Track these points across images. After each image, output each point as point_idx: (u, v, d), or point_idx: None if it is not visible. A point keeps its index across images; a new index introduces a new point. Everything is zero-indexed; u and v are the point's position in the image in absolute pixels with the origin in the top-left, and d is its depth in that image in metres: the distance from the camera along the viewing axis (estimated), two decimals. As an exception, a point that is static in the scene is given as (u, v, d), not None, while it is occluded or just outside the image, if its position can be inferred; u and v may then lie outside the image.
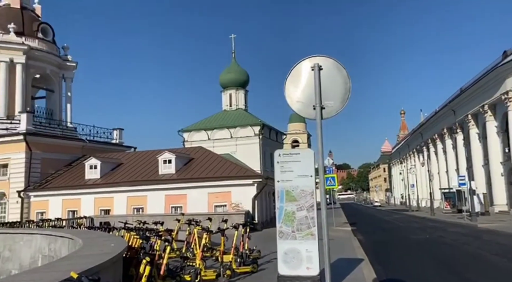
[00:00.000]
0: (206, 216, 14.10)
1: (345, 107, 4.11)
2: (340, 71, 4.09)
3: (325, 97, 4.05)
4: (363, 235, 19.23)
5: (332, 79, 4.07)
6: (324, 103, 4.04)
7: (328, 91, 4.06)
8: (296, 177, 6.96)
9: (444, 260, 11.05)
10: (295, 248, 6.68)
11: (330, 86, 4.07)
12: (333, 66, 4.08)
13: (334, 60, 4.08)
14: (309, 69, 4.10)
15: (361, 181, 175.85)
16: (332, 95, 4.07)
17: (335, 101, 4.09)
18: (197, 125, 41.90)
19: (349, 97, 4.08)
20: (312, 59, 4.11)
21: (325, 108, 4.06)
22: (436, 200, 45.32)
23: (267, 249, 10.74)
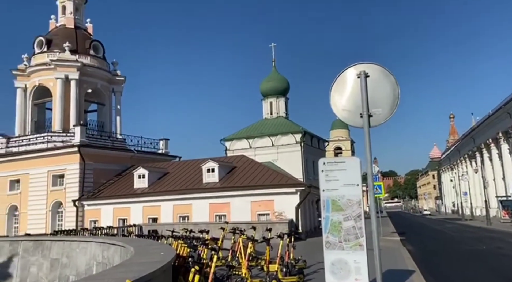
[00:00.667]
0: (249, 224, 14.13)
1: (394, 114, 3.98)
2: (387, 78, 3.98)
3: (373, 105, 3.96)
4: (413, 245, 18.41)
5: (379, 86, 3.97)
6: (372, 111, 3.94)
7: (376, 98, 3.96)
8: (342, 186, 6.81)
9: (503, 273, 10.30)
10: (343, 259, 6.51)
11: (378, 93, 3.97)
12: (380, 72, 3.98)
13: (380, 67, 3.98)
14: (354, 76, 4.03)
15: (408, 188, 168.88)
16: (380, 102, 3.97)
17: (383, 108, 3.98)
18: (238, 134, 42.36)
19: (397, 104, 3.96)
20: (358, 67, 4.04)
21: (372, 115, 3.96)
22: (492, 208, 42.51)
23: (312, 259, 10.57)
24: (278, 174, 24.57)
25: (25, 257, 10.97)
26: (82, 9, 33.45)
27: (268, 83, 44.80)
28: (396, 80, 3.95)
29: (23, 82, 30.64)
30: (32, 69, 30.34)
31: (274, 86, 44.34)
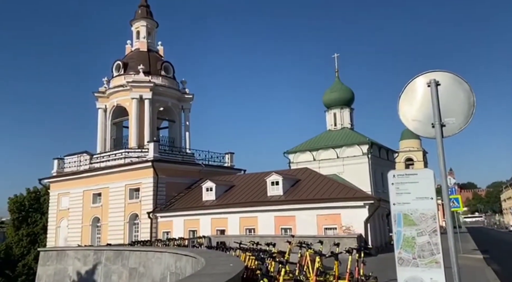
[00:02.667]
0: (316, 238, 13.91)
1: (470, 123, 3.75)
2: (461, 85, 3.78)
3: (445, 114, 3.77)
4: (500, 264, 16.75)
5: (452, 94, 3.78)
6: (444, 121, 3.76)
7: (449, 107, 3.77)
8: (414, 200, 6.48)
9: None
10: (418, 276, 6.14)
11: (450, 102, 3.77)
12: (453, 80, 3.79)
13: (453, 74, 3.79)
14: (424, 85, 3.88)
15: (491, 202, 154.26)
16: (453, 111, 3.77)
17: (457, 117, 3.77)
18: (302, 146, 42.18)
19: (473, 113, 3.73)
20: (428, 75, 3.89)
21: (445, 125, 3.77)
22: None
23: (384, 276, 10.10)
24: (345, 187, 23.96)
25: (107, 265, 11.88)
26: (154, 33, 36.09)
27: (332, 94, 44.23)
28: (471, 88, 3.73)
29: (104, 103, 33.63)
30: (111, 91, 33.22)
31: (337, 97, 43.67)
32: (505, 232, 70.39)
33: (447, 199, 3.76)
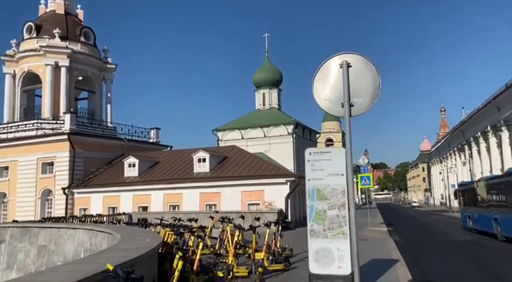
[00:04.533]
0: (239, 214, 14.25)
1: (375, 104, 4.05)
2: (369, 68, 4.04)
3: (354, 95, 4.01)
4: (400, 236, 18.71)
5: (361, 76, 4.02)
6: (353, 101, 4.00)
7: (357, 88, 4.02)
8: (327, 176, 6.92)
9: (484, 262, 10.57)
10: (327, 247, 6.64)
11: (359, 83, 4.03)
12: (362, 63, 4.03)
13: (363, 57, 4.03)
14: (337, 66, 4.07)
15: (398, 180, 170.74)
16: (361, 92, 4.03)
17: (364, 98, 4.04)
18: (231, 125, 42.36)
19: (378, 94, 4.03)
20: (341, 57, 4.09)
21: (354, 105, 4.02)
22: (479, 201, 43.23)
23: (299, 247, 10.71)
24: (269, 165, 24.72)
25: (12, 243, 10.98)
26: (72, -6, 32.89)
27: (261, 74, 44.70)
28: (378, 71, 4.00)
29: (12, 68, 30.21)
30: (21, 55, 29.90)
31: (267, 77, 44.27)
32: (408, 207, 78.86)
33: (350, 174, 4.04)
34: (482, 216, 17.66)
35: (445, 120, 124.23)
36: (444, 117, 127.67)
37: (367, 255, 11.01)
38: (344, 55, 4.08)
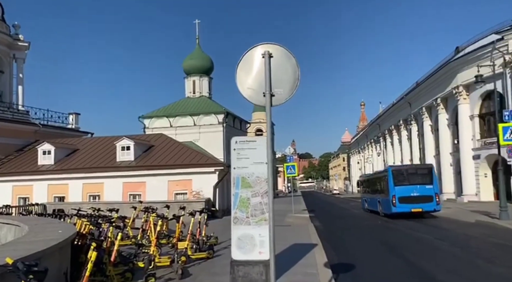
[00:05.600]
0: (164, 204, 13.95)
1: (294, 94, 4.20)
2: (289, 60, 4.16)
3: (275, 85, 4.12)
4: (320, 221, 19.83)
5: (281, 67, 4.13)
6: (274, 91, 4.11)
7: (278, 78, 4.13)
8: (252, 164, 7.06)
9: (391, 244, 11.66)
10: (249, 233, 6.80)
11: (280, 74, 4.13)
12: (283, 54, 4.14)
13: (284, 49, 4.14)
14: (260, 56, 4.14)
15: (321, 170, 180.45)
16: (281, 82, 4.14)
17: (284, 89, 4.16)
18: (159, 112, 41.05)
19: (297, 85, 4.18)
20: (263, 46, 4.16)
21: (274, 95, 4.12)
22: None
23: (225, 236, 10.82)
24: (198, 154, 24.48)
25: None
26: (-25, -41, 28.98)
27: (191, 61, 43.82)
28: (297, 63, 4.15)
29: None
30: None
31: (197, 64, 43.52)
32: (329, 195, 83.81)
33: (270, 161, 4.16)
34: (371, 200, 24.81)
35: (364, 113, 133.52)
36: (363, 111, 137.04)
37: (290, 240, 11.51)
38: (266, 45, 4.15)
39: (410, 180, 20.33)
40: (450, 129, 35.00)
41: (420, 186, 19.77)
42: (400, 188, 19.83)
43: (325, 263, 8.11)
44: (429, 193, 19.64)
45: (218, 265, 7.97)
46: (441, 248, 10.59)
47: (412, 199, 19.49)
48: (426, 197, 19.54)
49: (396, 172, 21.27)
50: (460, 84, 31.24)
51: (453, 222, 17.30)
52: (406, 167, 25.77)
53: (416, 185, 19.89)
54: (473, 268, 7.99)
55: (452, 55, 32.60)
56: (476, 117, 30.76)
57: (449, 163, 34.88)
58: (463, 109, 31.72)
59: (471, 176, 30.64)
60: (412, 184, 19.99)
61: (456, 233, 13.68)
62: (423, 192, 19.56)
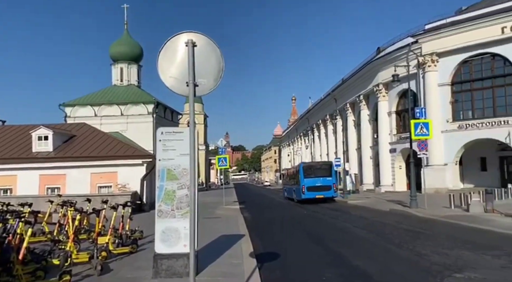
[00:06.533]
0: (85, 197, 13.12)
1: (218, 85, 4.17)
2: (214, 50, 4.11)
3: (199, 75, 4.05)
4: (250, 212, 20.19)
5: (206, 57, 4.07)
6: (198, 81, 4.04)
7: (202, 68, 4.06)
8: (179, 156, 6.93)
9: (315, 233, 12.26)
10: (173, 226, 6.68)
11: (204, 64, 4.07)
12: (207, 44, 4.08)
13: (208, 38, 4.08)
14: (183, 45, 4.03)
15: (254, 162, 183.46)
16: (205, 73, 4.08)
17: (208, 79, 4.11)
18: (82, 100, 38.44)
19: (222, 76, 4.15)
20: (187, 35, 4.05)
21: (198, 85, 4.06)
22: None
23: (152, 229, 10.42)
24: (124, 145, 23.41)
25: None
26: None
27: (119, 47, 41.60)
28: (222, 54, 4.12)
29: None
30: None
31: (125, 50, 41.43)
32: (261, 186, 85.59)
33: (192, 152, 4.10)
34: (291, 189, 29.26)
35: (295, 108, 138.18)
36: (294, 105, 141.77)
37: (218, 232, 11.56)
38: (190, 33, 4.05)
39: (315, 173, 25.49)
40: (371, 124, 37.61)
41: (323, 178, 25.20)
42: (308, 180, 25.11)
43: (250, 253, 8.27)
44: (329, 184, 25.33)
45: (141, 260, 7.73)
46: (359, 236, 11.38)
47: (316, 188, 24.88)
48: (327, 187, 25.10)
49: (306, 167, 26.46)
50: (380, 83, 33.64)
51: (371, 211, 18.68)
52: (313, 164, 31.57)
53: (319, 177, 25.21)
54: (385, 252, 8.70)
55: (373, 55, 34.94)
56: (393, 113, 33.41)
57: (369, 156, 37.53)
58: (382, 106, 34.24)
59: (388, 168, 33.31)
60: (317, 176, 25.22)
61: (373, 221, 14.79)
62: (325, 183, 25.08)
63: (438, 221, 13.57)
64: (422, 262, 7.46)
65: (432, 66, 28.68)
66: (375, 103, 35.50)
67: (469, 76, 27.97)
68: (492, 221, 12.27)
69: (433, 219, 14.05)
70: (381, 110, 34.25)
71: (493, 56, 26.46)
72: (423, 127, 15.82)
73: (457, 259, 7.55)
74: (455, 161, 28.32)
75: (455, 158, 28.21)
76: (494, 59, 26.58)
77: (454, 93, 28.53)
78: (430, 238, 10.30)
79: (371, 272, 6.84)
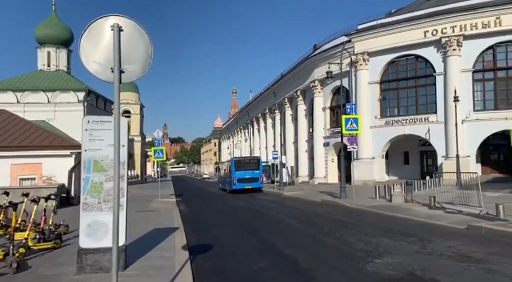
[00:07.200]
0: (3, 190, 12.03)
1: (146, 73, 4.03)
2: (142, 36, 3.96)
3: (125, 61, 3.88)
4: (187, 205, 19.96)
5: (133, 42, 3.91)
6: (124, 67, 3.87)
7: (129, 54, 3.89)
8: (107, 146, 6.61)
9: (250, 224, 12.47)
10: (100, 220, 6.39)
11: (131, 50, 3.90)
12: (135, 29, 3.92)
13: (137, 24, 3.92)
14: (108, 28, 3.83)
15: (194, 154, 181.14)
16: (132, 59, 3.92)
17: (136, 66, 3.96)
18: (2, 84, 35.09)
19: (150, 64, 4.02)
20: (113, 18, 3.85)
21: (124, 72, 3.89)
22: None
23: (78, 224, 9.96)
24: (51, 135, 21.80)
25: None
26: None
27: (46, 30, 38.53)
28: (151, 40, 3.99)
29: None
30: None
31: (53, 33, 38.49)
32: (200, 179, 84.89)
33: (117, 141, 3.94)
34: (224, 181, 32.74)
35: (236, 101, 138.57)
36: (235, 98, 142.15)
37: (151, 225, 11.28)
38: (117, 17, 3.85)
39: (245, 167, 28.72)
40: (307, 119, 38.97)
41: (251, 171, 28.55)
42: (238, 172, 28.31)
43: (183, 245, 8.19)
44: (257, 176, 28.80)
45: (65, 255, 7.30)
46: (292, 226, 11.78)
47: (245, 180, 28.17)
48: (254, 179, 28.54)
49: (237, 161, 29.60)
50: (316, 79, 34.91)
51: (304, 202, 19.42)
52: (243, 158, 33.86)
53: (248, 170, 28.54)
54: (314, 241, 9.11)
55: (311, 52, 36.11)
56: (327, 109, 34.90)
57: (305, 149, 38.91)
58: (317, 102, 35.60)
59: (322, 161, 34.82)
60: (246, 170, 28.49)
61: (306, 211, 15.39)
62: (253, 175, 28.50)
63: (364, 211, 14.50)
64: (347, 249, 7.93)
65: (363, 64, 30.36)
66: (311, 99, 36.78)
67: (396, 76, 30.07)
68: (410, 210, 13.38)
69: (359, 209, 14.97)
70: (317, 105, 35.59)
71: (417, 57, 28.68)
72: (353, 122, 16.74)
73: (378, 246, 8.14)
74: (382, 155, 30.39)
75: (382, 152, 30.27)
76: (417, 61, 28.82)
77: (382, 91, 30.51)
78: (355, 226, 10.98)
79: (300, 260, 7.13)
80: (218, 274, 6.42)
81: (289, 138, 42.86)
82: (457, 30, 26.29)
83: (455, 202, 13.59)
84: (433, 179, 18.12)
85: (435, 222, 10.97)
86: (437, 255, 7.22)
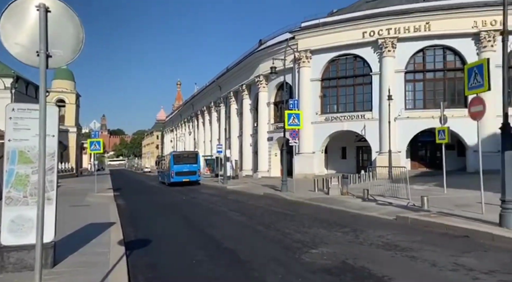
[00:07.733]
0: None
1: (77, 58, 3.79)
2: (72, 18, 3.70)
3: (53, 45, 3.61)
4: (125, 199, 19.24)
5: (62, 25, 3.64)
6: (51, 51, 3.60)
7: (57, 38, 3.62)
8: (34, 136, 6.17)
9: (191, 218, 12.33)
10: (26, 215, 5.96)
11: (59, 33, 3.64)
12: (64, 11, 3.65)
13: (66, 5, 3.65)
14: (34, 8, 3.53)
15: (134, 147, 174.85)
16: (61, 43, 3.66)
17: (65, 50, 3.70)
18: None
19: (81, 48, 3.77)
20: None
21: (52, 56, 3.62)
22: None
23: (0, 220, 9.17)
24: (-30, 123, 19.77)
25: None
26: None
27: (-33, 6, 34.70)
28: (81, 23, 3.74)
29: None
30: None
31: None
32: (141, 173, 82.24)
33: (43, 131, 3.68)
34: (163, 174, 34.17)
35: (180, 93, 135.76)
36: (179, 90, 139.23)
37: (86, 220, 10.72)
38: (43, -3, 3.57)
39: (183, 161, 29.94)
40: (252, 113, 39.30)
41: (189, 165, 29.81)
42: (177, 166, 29.38)
43: (119, 241, 7.89)
44: (194, 169, 30.08)
45: (-16, 255, 6.68)
46: (233, 219, 11.84)
47: (184, 173, 29.32)
48: (192, 172, 29.82)
49: (176, 155, 30.65)
50: (261, 74, 35.27)
51: (247, 195, 19.62)
52: (182, 152, 34.88)
53: (187, 164, 29.76)
54: (254, 233, 9.25)
55: (256, 47, 36.37)
56: (271, 104, 35.46)
57: (249, 143, 39.25)
58: (262, 96, 36.02)
59: (265, 155, 35.37)
60: (184, 163, 29.70)
61: (247, 204, 15.56)
62: (191, 169, 29.79)
63: (303, 203, 14.99)
64: (285, 241, 8.15)
65: (306, 62, 31.19)
66: (256, 93, 37.12)
67: (336, 74, 31.31)
68: (345, 202, 14.08)
69: (299, 201, 15.46)
70: (261, 100, 36.00)
71: (355, 57, 30.07)
72: (295, 117, 17.18)
73: (315, 237, 8.47)
74: (322, 150, 31.59)
75: (322, 147, 31.46)
76: (356, 60, 30.23)
77: (323, 88, 31.61)
78: (294, 218, 11.32)
79: (239, 252, 7.20)
80: (155, 268, 6.28)
81: (234, 132, 42.94)
82: (392, 32, 27.94)
83: (386, 195, 14.55)
84: (367, 173, 19.21)
85: (367, 213, 11.65)
86: (368, 244, 7.67)
